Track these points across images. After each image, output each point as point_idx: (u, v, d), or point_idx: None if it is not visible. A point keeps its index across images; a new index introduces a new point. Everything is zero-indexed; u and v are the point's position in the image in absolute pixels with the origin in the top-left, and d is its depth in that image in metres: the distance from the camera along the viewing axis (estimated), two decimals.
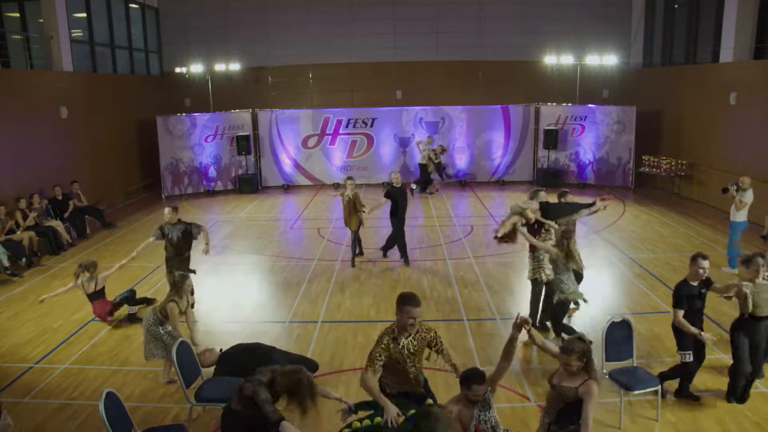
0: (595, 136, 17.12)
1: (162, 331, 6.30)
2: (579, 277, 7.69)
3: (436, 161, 16.70)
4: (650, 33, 18.15)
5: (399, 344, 4.44)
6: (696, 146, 14.99)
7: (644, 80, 18.00)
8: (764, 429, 5.40)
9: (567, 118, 17.35)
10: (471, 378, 4.10)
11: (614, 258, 10.57)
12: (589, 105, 17.38)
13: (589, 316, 7.69)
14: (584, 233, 12.08)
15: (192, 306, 6.19)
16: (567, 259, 6.91)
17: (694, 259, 5.62)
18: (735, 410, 5.69)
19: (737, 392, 5.80)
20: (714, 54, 14.53)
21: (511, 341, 4.25)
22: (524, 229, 7.14)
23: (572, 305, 7.46)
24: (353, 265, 10.32)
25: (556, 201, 7.89)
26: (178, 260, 8.09)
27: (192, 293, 6.22)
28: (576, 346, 4.13)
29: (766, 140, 12.27)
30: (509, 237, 7.20)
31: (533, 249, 7.26)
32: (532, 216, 7.14)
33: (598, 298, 8.45)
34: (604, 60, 17.36)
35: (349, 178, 10.23)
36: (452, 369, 4.58)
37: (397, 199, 10.04)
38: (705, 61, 15.15)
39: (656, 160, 15.97)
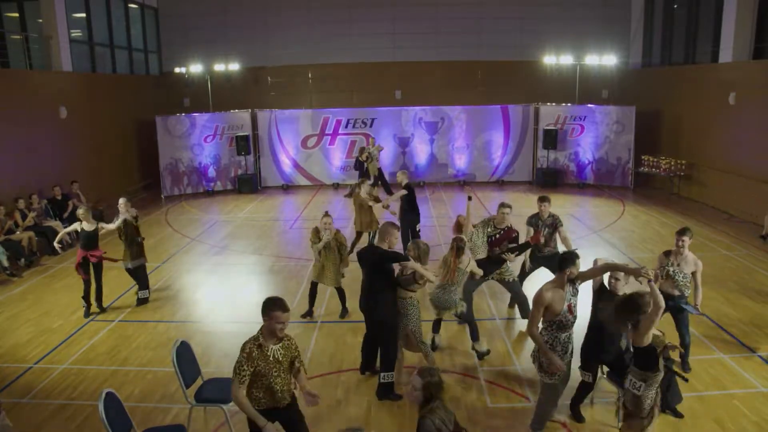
0: (594, 136, 17.13)
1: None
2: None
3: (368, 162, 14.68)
4: (649, 33, 18.16)
5: (265, 351, 4.16)
6: (695, 146, 15.00)
7: (643, 80, 18.01)
8: (764, 429, 5.40)
9: (566, 118, 17.35)
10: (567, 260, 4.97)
11: (613, 258, 10.55)
12: (589, 105, 17.39)
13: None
14: (584, 233, 12.10)
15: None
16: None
17: None
18: (735, 410, 5.69)
19: None
20: (713, 54, 14.55)
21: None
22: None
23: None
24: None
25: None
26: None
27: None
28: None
29: (765, 140, 12.28)
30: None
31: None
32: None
33: None
34: (604, 60, 17.36)
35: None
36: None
37: (413, 193, 10.10)
38: (704, 62, 15.16)
39: (655, 160, 15.97)
